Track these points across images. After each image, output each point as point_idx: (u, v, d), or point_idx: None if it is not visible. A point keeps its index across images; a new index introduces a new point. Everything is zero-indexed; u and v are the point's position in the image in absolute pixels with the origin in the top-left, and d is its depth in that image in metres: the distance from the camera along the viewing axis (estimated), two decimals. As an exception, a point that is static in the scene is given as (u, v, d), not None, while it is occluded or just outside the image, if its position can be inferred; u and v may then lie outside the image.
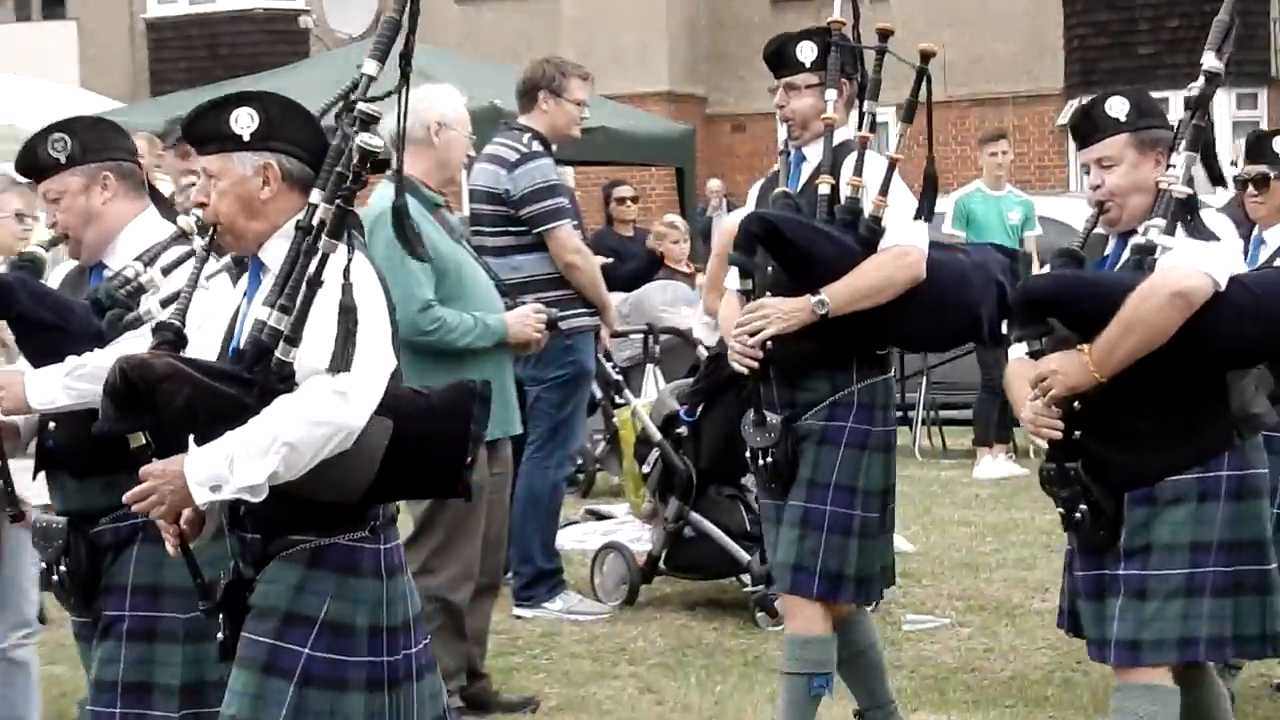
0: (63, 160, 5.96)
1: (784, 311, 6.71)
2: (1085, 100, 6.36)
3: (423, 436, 4.85)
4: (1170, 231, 5.71)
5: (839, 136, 6.89)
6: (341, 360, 4.63)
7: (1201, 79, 5.96)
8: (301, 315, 4.68)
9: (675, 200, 20.66)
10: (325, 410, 4.63)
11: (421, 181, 8.21)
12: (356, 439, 4.69)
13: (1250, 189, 8.23)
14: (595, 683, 9.06)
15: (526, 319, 8.33)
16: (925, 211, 6.85)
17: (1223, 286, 5.65)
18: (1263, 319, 5.72)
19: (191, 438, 4.83)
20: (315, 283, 4.68)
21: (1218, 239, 5.73)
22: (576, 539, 12.12)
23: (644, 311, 14.48)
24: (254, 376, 4.70)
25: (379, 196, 8.34)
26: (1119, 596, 5.81)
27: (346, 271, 4.69)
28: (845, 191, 6.77)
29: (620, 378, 12.38)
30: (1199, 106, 5.92)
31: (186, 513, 4.79)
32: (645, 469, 10.66)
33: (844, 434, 6.80)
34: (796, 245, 6.70)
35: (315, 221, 4.72)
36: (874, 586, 7.01)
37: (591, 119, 10.71)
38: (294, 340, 4.67)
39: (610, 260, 10.65)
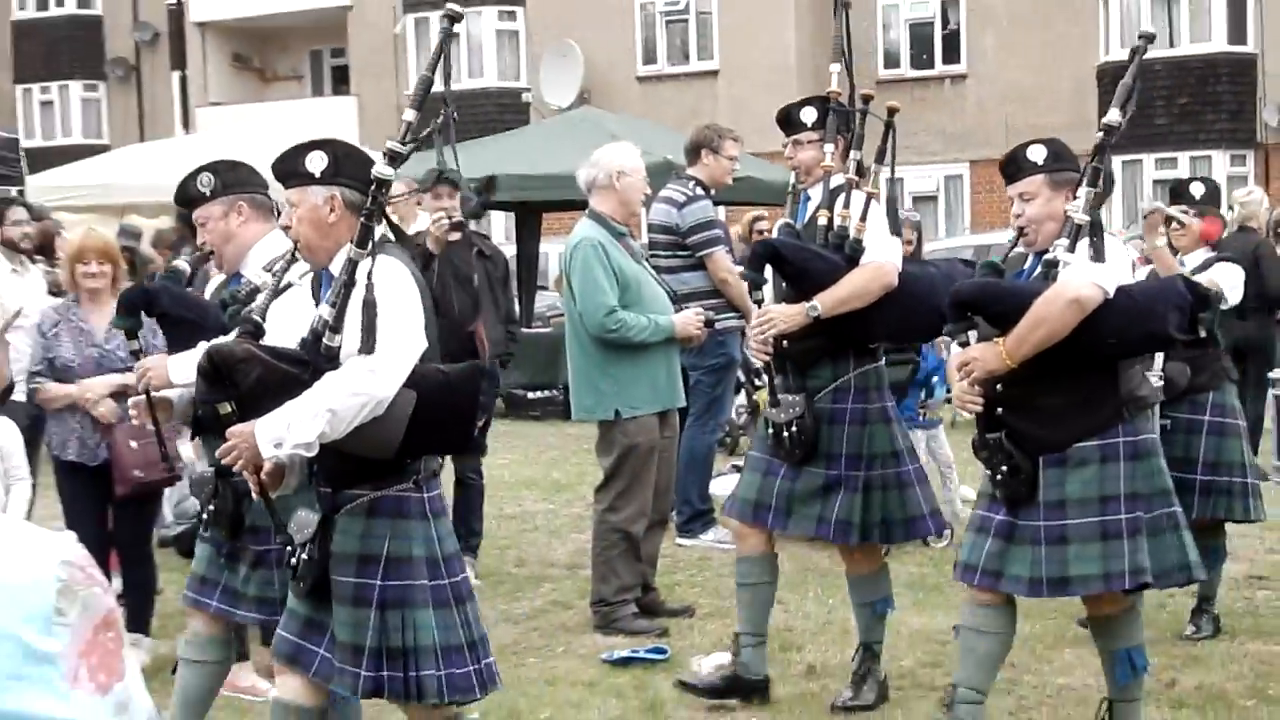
0: (207, 193, 5.98)
1: (784, 316, 6.69)
2: (1113, 160, 6.23)
3: (440, 406, 4.83)
4: (1071, 250, 5.61)
5: (837, 180, 6.81)
6: (368, 344, 4.68)
7: (1102, 131, 5.80)
8: (340, 309, 4.73)
9: (802, 232, 20.60)
10: (360, 384, 4.66)
11: (610, 216, 8.24)
12: (387, 407, 4.71)
13: (1174, 224, 8.23)
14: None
15: (690, 320, 8.32)
16: (891, 228, 6.79)
17: (1111, 295, 5.56)
18: (1142, 321, 5.62)
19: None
20: (350, 284, 4.73)
21: (1109, 258, 5.62)
22: (724, 487, 11.96)
23: (778, 316, 14.41)
24: (309, 358, 4.75)
25: (579, 228, 8.35)
26: (1039, 544, 5.71)
27: (369, 274, 4.71)
28: (838, 222, 6.72)
29: (759, 365, 12.32)
30: (1099, 152, 5.76)
31: (266, 466, 4.79)
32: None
33: (846, 414, 6.75)
34: (793, 263, 6.68)
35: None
36: (893, 530, 6.89)
37: (741, 170, 10.66)
38: (336, 329, 4.72)
39: (753, 277, 10.66)
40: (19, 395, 7.88)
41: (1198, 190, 8.36)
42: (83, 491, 7.60)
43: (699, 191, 9.92)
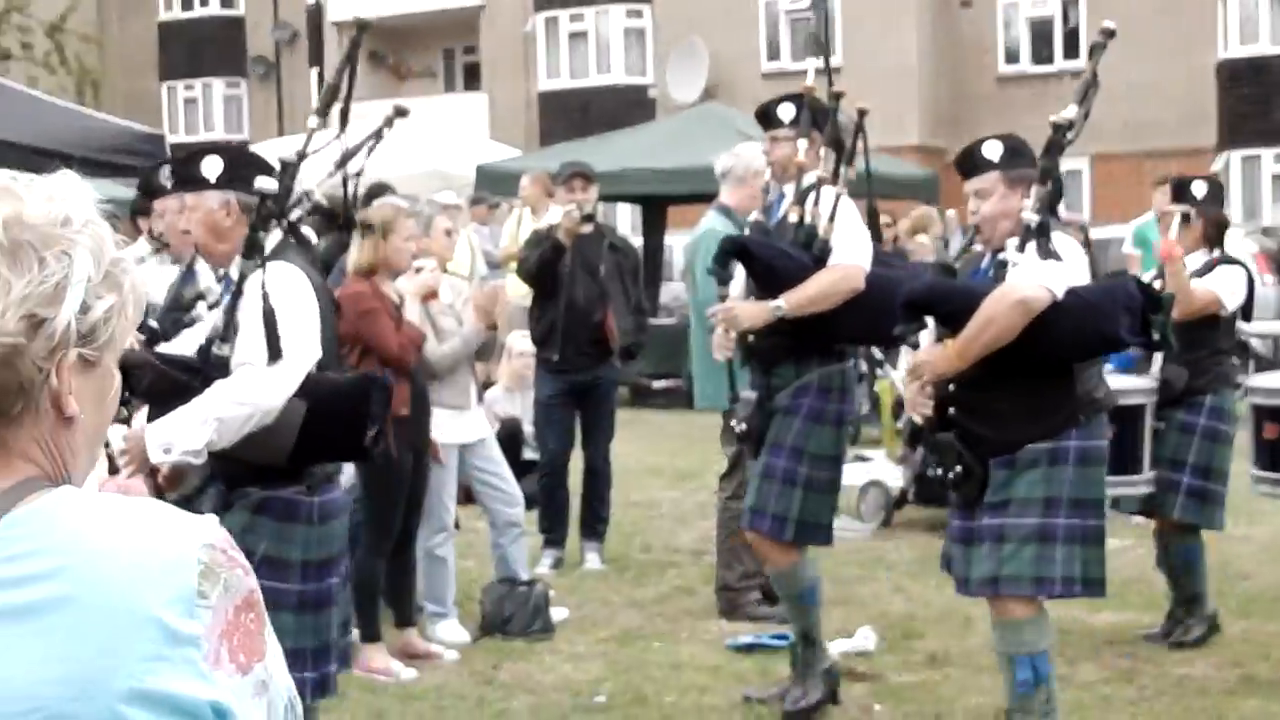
0: (169, 186, 6.00)
1: (749, 313, 6.55)
2: (1232, 155, 6.04)
3: (332, 414, 4.80)
4: (1021, 249, 5.43)
5: (812, 177, 6.67)
6: (273, 354, 4.63)
7: (1052, 128, 5.59)
8: (229, 319, 4.71)
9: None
10: (247, 394, 4.64)
11: (735, 208, 8.20)
12: (277, 415, 4.67)
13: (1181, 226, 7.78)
14: (859, 583, 8.96)
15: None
16: (874, 235, 6.71)
17: (1060, 296, 5.35)
18: (1092, 322, 5.40)
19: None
20: (237, 293, 4.71)
21: (1060, 258, 5.41)
22: (846, 476, 11.98)
23: (899, 307, 14.31)
24: (200, 366, 4.73)
25: (704, 220, 8.35)
26: (981, 543, 5.54)
27: (263, 284, 4.68)
28: (808, 220, 6.58)
29: (881, 356, 12.24)
30: (1050, 149, 5.56)
31: (164, 469, 4.78)
32: (899, 425, 10.53)
33: (802, 408, 6.58)
34: (761, 260, 6.54)
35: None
36: (819, 534, 6.74)
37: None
38: (225, 339, 4.70)
39: (875, 269, 10.59)
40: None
41: (1199, 189, 7.92)
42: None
43: (821, 185, 9.85)
